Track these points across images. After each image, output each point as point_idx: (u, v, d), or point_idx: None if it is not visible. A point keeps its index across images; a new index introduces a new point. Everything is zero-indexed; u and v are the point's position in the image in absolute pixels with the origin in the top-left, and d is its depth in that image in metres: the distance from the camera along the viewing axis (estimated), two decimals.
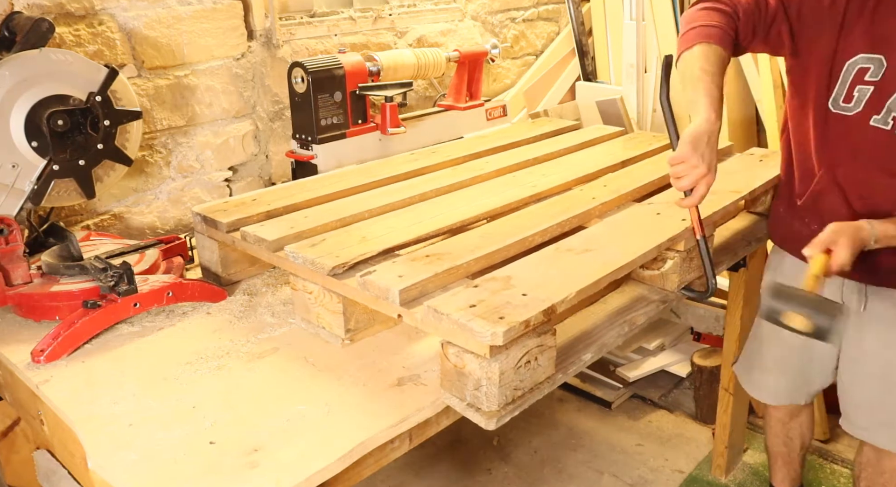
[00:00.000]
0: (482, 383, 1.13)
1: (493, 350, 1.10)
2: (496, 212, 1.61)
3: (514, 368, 1.15)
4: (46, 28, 1.52)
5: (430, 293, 1.26)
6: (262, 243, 1.47)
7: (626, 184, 1.76)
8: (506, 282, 1.25)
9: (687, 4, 2.63)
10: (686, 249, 1.52)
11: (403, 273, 1.27)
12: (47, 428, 1.34)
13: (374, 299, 1.28)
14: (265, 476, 1.03)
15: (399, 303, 1.22)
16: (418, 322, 1.21)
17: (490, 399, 1.14)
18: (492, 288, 1.23)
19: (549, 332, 1.20)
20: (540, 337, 1.18)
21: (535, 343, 1.18)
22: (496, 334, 1.08)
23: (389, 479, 2.44)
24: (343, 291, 1.33)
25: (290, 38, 2.23)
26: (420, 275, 1.26)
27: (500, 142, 2.17)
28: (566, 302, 1.20)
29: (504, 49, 2.88)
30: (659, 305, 1.50)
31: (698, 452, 2.55)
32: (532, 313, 1.13)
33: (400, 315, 1.25)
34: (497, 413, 1.14)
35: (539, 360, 1.20)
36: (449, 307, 1.16)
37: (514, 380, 1.16)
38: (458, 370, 1.16)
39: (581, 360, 1.32)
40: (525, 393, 1.19)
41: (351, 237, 1.46)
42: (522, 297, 1.19)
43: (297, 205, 1.66)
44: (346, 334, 1.38)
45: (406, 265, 1.31)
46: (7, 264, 1.47)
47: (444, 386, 1.21)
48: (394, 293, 1.22)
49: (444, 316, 1.14)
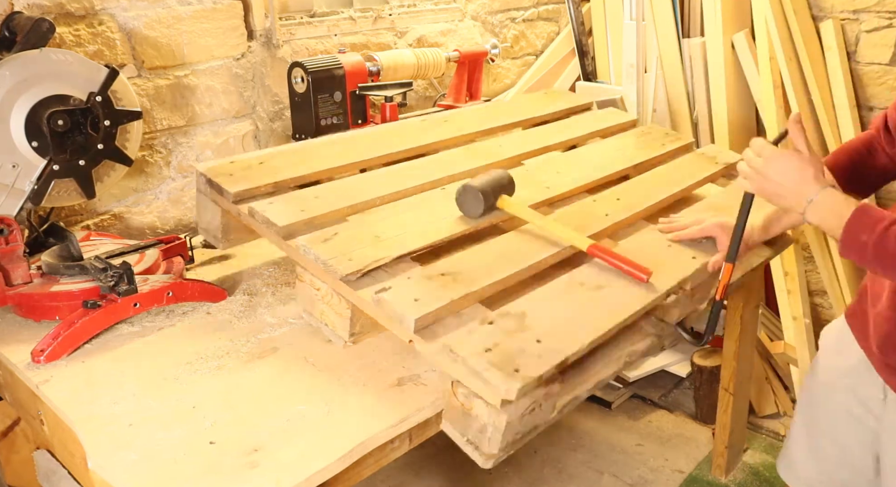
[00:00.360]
0: (488, 429, 1.14)
1: (504, 402, 1.11)
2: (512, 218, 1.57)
3: (519, 417, 1.15)
4: (47, 28, 1.52)
5: (443, 318, 1.25)
6: (271, 226, 1.42)
7: (639, 199, 1.73)
8: (520, 322, 1.24)
9: (687, 4, 2.63)
10: (691, 289, 1.50)
11: (419, 295, 1.25)
12: (47, 428, 1.34)
13: (387, 319, 1.26)
14: (265, 476, 1.03)
15: (413, 330, 1.21)
16: (430, 355, 1.20)
17: (493, 443, 1.14)
18: (506, 327, 1.23)
19: (557, 381, 1.20)
20: (548, 386, 1.18)
21: (543, 392, 1.17)
22: (510, 390, 1.09)
23: (389, 479, 2.44)
24: (355, 301, 1.31)
25: (290, 38, 2.23)
26: (436, 302, 1.24)
27: (514, 118, 2.11)
28: (578, 354, 1.21)
29: (504, 49, 2.88)
30: (655, 340, 1.46)
31: (698, 452, 2.55)
32: (546, 367, 1.14)
33: (412, 341, 1.23)
34: (496, 455, 1.15)
35: (543, 407, 1.20)
36: (464, 349, 1.15)
37: (517, 427, 1.16)
38: (466, 410, 1.16)
39: (577, 398, 1.30)
40: (524, 436, 1.20)
41: (364, 234, 1.42)
42: (537, 345, 1.19)
43: (306, 176, 1.59)
44: (350, 337, 1.37)
45: (421, 285, 1.29)
46: (7, 264, 1.47)
47: (447, 417, 1.21)
48: (409, 320, 1.21)
49: (459, 358, 1.14)
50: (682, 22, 2.64)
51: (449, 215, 1.54)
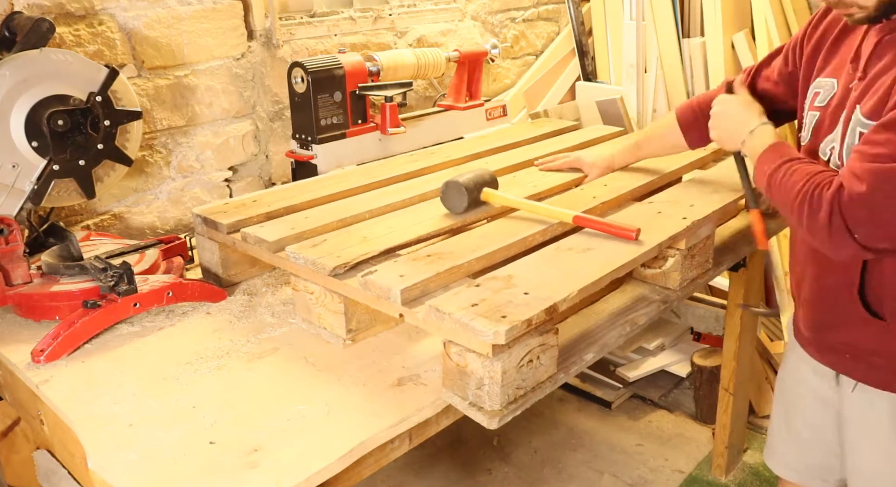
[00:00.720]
0: (484, 382, 1.13)
1: (495, 349, 1.11)
2: (497, 213, 1.61)
3: (516, 367, 1.15)
4: (47, 28, 1.52)
5: (431, 292, 1.26)
6: (262, 244, 1.47)
7: (626, 183, 1.76)
8: (507, 281, 1.24)
9: (687, 4, 2.64)
10: (687, 247, 1.52)
11: (405, 272, 1.27)
12: (47, 428, 1.34)
13: (375, 299, 1.28)
14: (265, 476, 1.03)
15: (401, 303, 1.22)
16: (420, 321, 1.21)
17: (492, 398, 1.14)
18: (493, 287, 1.23)
19: (551, 331, 1.20)
20: (542, 335, 1.18)
21: (538, 342, 1.18)
22: (498, 333, 1.08)
23: (389, 479, 2.44)
24: (344, 291, 1.33)
25: (290, 38, 2.23)
26: (421, 275, 1.26)
27: (500, 143, 2.17)
28: (568, 300, 1.20)
29: (504, 49, 2.88)
30: (660, 305, 1.51)
31: (698, 452, 2.55)
32: (534, 312, 1.13)
33: (402, 314, 1.24)
34: (499, 412, 1.14)
35: (541, 359, 1.20)
36: (451, 306, 1.16)
37: (516, 379, 1.16)
38: (461, 369, 1.16)
39: (583, 360, 1.32)
40: (527, 393, 1.19)
41: (352, 237, 1.46)
42: (524, 296, 1.19)
43: (298, 206, 1.66)
44: (348, 334, 1.38)
45: (407, 265, 1.31)
46: (7, 264, 1.47)
47: (445, 385, 1.21)
48: (395, 293, 1.22)
49: (446, 315, 1.14)
50: (682, 22, 2.64)
51: (436, 215, 1.58)
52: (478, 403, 1.16)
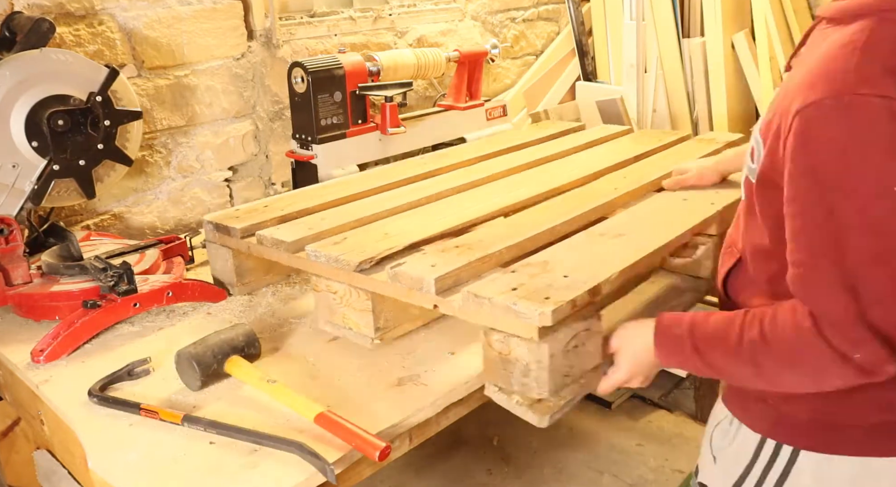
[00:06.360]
0: (531, 368, 1.08)
1: (541, 331, 1.05)
2: (518, 206, 1.57)
3: (563, 351, 1.09)
4: (47, 28, 1.52)
5: (464, 282, 1.21)
6: (280, 245, 1.42)
7: (646, 174, 1.72)
8: (543, 267, 1.21)
9: (687, 4, 2.64)
10: (719, 233, 1.46)
11: (436, 263, 1.23)
12: (47, 428, 1.34)
13: (406, 291, 1.22)
14: (265, 476, 1.03)
15: (435, 293, 1.18)
16: (456, 310, 1.17)
17: (541, 384, 1.08)
18: (530, 272, 1.19)
19: (595, 317, 1.15)
20: (587, 320, 1.13)
21: (583, 326, 1.12)
22: (544, 314, 1.03)
23: (389, 479, 2.44)
24: (372, 287, 1.28)
25: (290, 38, 2.23)
26: (453, 264, 1.22)
27: (508, 145, 2.15)
28: (610, 282, 1.16)
29: (504, 49, 2.88)
30: (693, 295, 1.45)
31: (698, 452, 2.54)
32: (578, 293, 1.09)
33: (436, 305, 1.19)
34: (549, 403, 1.09)
35: (587, 345, 1.14)
36: (489, 291, 1.12)
37: (563, 365, 1.10)
38: (504, 357, 1.11)
39: None
40: (574, 382, 1.13)
41: (372, 234, 1.41)
42: (564, 279, 1.14)
43: (312, 208, 1.61)
44: (376, 333, 1.32)
45: (436, 256, 1.27)
46: (7, 264, 1.47)
47: (487, 376, 1.16)
48: (429, 282, 1.17)
49: (485, 300, 1.10)
50: (682, 22, 2.65)
51: (457, 212, 1.53)
52: (523, 391, 1.11)
